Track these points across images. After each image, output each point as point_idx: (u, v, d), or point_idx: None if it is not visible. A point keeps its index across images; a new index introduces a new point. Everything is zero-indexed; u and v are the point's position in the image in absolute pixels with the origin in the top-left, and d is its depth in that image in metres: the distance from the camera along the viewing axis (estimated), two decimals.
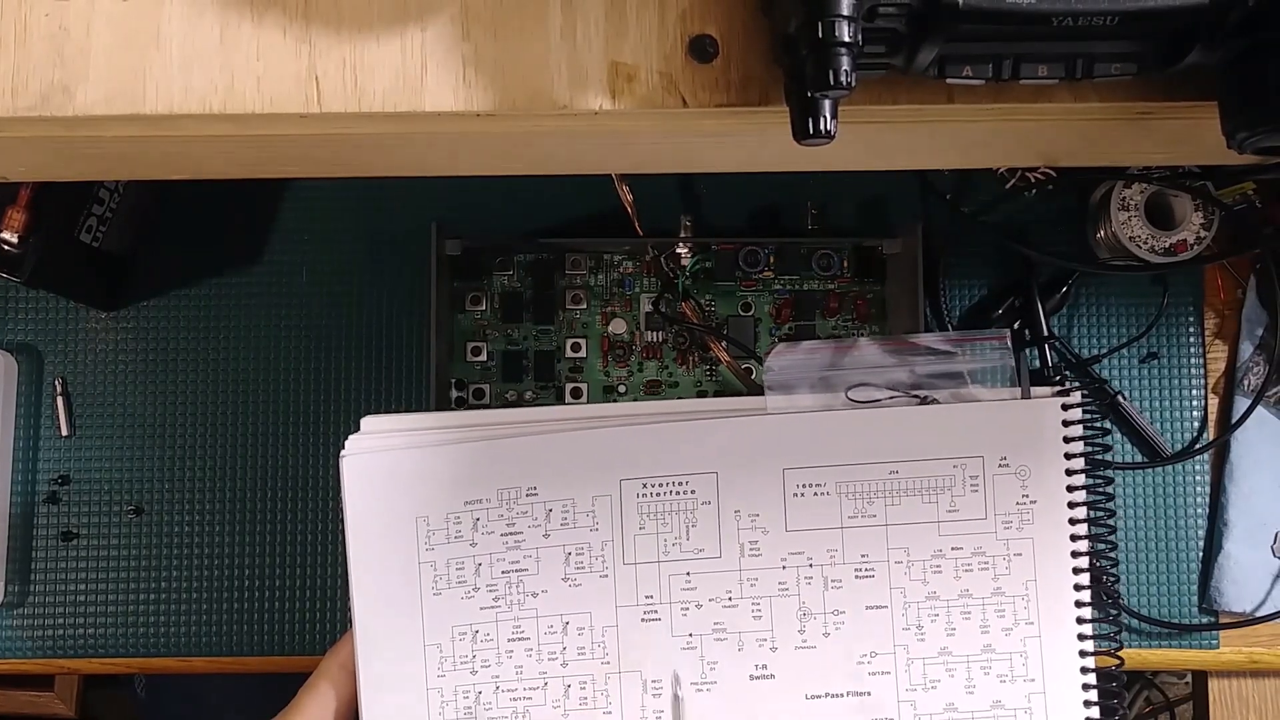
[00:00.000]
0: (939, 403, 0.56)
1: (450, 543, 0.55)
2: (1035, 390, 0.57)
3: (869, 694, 0.56)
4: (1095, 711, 0.55)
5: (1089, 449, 0.56)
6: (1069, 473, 0.56)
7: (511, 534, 0.55)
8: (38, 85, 0.39)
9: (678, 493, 0.56)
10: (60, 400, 0.69)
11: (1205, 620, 0.67)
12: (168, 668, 0.68)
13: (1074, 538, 0.56)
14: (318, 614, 0.67)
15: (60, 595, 0.68)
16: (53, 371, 0.69)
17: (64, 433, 0.69)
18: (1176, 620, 0.67)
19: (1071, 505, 0.56)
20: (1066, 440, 0.56)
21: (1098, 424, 0.56)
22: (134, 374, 0.69)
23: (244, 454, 0.68)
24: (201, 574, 0.68)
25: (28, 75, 0.39)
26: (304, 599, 0.67)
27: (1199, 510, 0.68)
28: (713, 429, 0.56)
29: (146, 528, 0.68)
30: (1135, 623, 0.67)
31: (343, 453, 0.55)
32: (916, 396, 0.56)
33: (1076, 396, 0.56)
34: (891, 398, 0.56)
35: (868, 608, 0.56)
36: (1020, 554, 0.56)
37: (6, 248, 0.59)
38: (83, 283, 0.67)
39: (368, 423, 0.56)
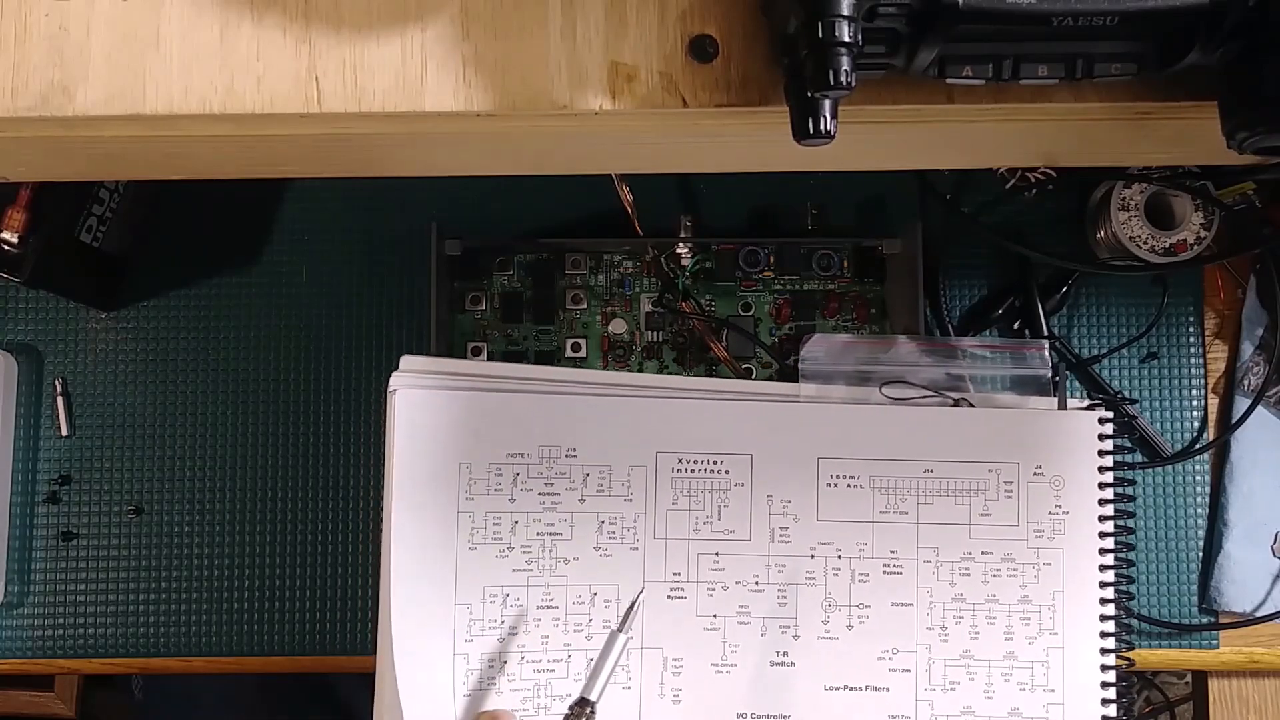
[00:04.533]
0: (972, 405, 0.56)
1: (490, 494, 0.55)
2: (1069, 402, 0.57)
3: (887, 690, 0.56)
4: None
5: (1119, 465, 0.56)
6: (1101, 486, 0.56)
7: (549, 494, 0.55)
8: (38, 85, 0.39)
9: (712, 471, 0.56)
10: (60, 400, 0.69)
11: (1205, 620, 0.67)
12: (167, 668, 0.68)
13: (1102, 551, 0.56)
14: (317, 614, 0.67)
15: (60, 595, 0.68)
16: (53, 371, 0.69)
17: (64, 433, 0.69)
18: (1176, 620, 0.67)
19: (1101, 519, 0.56)
20: (1100, 454, 0.56)
21: (1123, 440, 0.56)
22: (134, 374, 0.69)
23: (244, 454, 0.68)
24: (201, 574, 0.68)
25: (28, 75, 0.39)
26: (303, 599, 0.67)
27: (1199, 510, 0.68)
28: (751, 411, 0.56)
29: (146, 528, 0.68)
30: (1136, 623, 0.67)
31: (391, 387, 0.54)
32: (950, 398, 0.56)
33: (1111, 412, 0.56)
34: (925, 397, 0.56)
35: (893, 604, 0.56)
36: (1050, 564, 0.56)
37: (6, 248, 0.59)
38: (83, 283, 0.67)
39: (407, 362, 0.55)
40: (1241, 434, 0.67)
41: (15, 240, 0.59)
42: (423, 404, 0.54)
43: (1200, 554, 0.68)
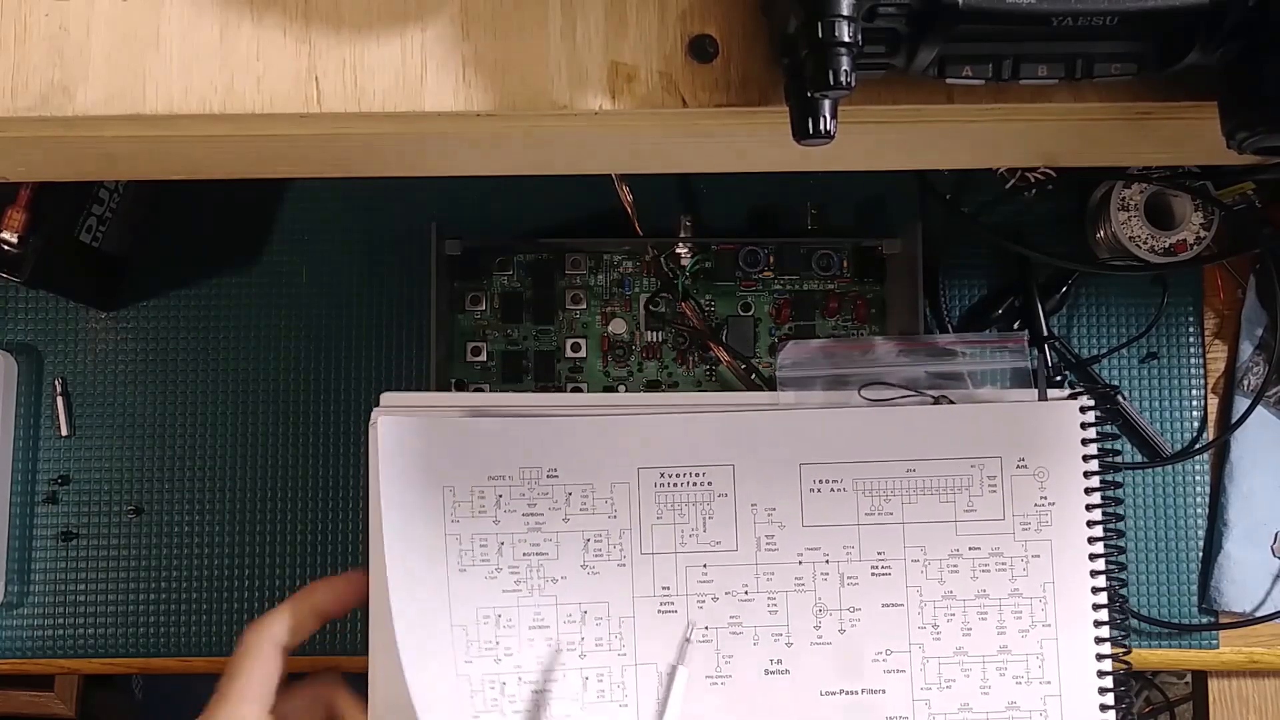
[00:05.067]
0: (953, 403, 0.56)
1: (475, 517, 0.55)
2: (1051, 393, 0.57)
3: (883, 692, 0.55)
4: (1111, 716, 0.55)
5: (1104, 453, 0.56)
6: (1087, 475, 0.56)
7: (532, 515, 0.55)
8: (38, 85, 0.39)
9: (695, 484, 0.56)
10: (60, 400, 0.69)
11: (1205, 620, 0.67)
12: (168, 668, 0.68)
13: (1091, 540, 0.56)
14: None
15: (60, 595, 0.68)
16: (53, 371, 0.69)
17: (64, 433, 0.69)
18: (1176, 620, 0.67)
19: (1089, 508, 0.56)
20: (1084, 443, 0.56)
21: (1108, 428, 0.56)
22: (134, 374, 0.69)
23: (244, 454, 0.68)
24: (201, 574, 0.68)
25: (28, 75, 0.39)
26: None
27: (1199, 510, 0.68)
28: (729, 421, 0.56)
29: (146, 528, 0.68)
30: (1135, 623, 0.67)
31: (372, 419, 0.55)
32: (930, 396, 0.56)
33: (1093, 400, 0.56)
34: (904, 397, 0.56)
35: (883, 605, 0.56)
36: (1038, 555, 0.56)
37: (6, 248, 0.59)
38: (83, 283, 0.67)
39: (387, 398, 0.55)
40: (1241, 434, 0.67)
41: (15, 240, 0.59)
42: (403, 431, 0.54)
43: (1200, 554, 0.68)
